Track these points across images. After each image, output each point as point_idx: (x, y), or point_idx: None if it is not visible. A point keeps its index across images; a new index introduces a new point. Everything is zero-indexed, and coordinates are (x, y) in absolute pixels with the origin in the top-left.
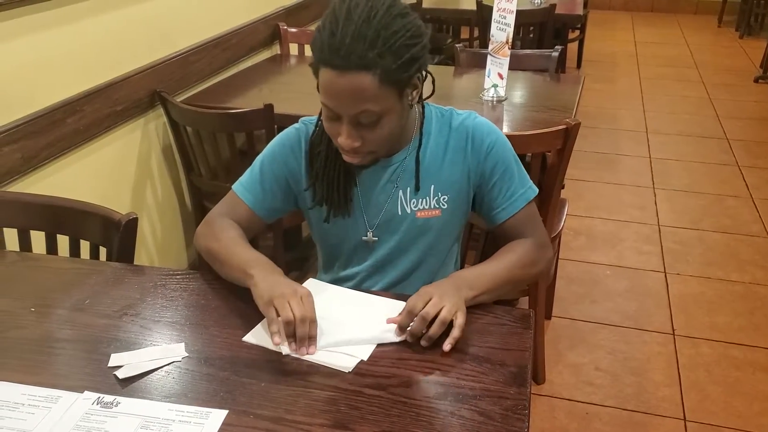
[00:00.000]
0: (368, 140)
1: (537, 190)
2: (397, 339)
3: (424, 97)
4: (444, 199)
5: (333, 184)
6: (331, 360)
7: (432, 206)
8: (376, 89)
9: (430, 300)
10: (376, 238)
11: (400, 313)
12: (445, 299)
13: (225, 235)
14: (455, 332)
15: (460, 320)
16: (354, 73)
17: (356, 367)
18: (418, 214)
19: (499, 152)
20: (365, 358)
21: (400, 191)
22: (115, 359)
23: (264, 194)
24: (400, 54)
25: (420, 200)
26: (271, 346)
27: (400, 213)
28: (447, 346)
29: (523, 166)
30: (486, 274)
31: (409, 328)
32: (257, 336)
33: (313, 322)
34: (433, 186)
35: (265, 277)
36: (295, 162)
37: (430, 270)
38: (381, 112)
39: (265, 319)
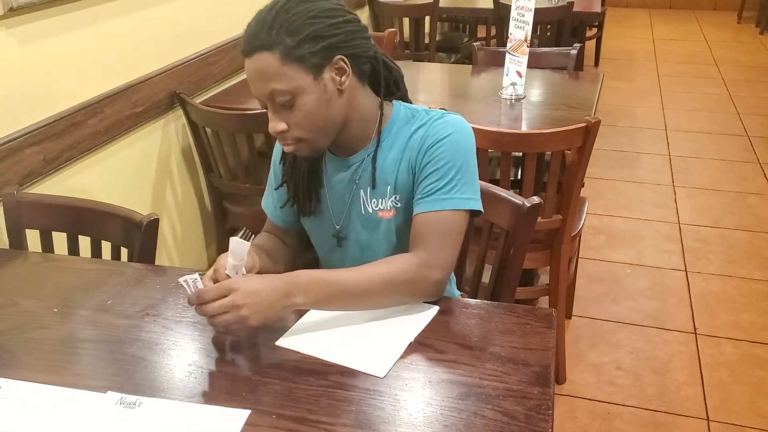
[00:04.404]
0: (292, 124)
1: (470, 207)
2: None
3: (386, 93)
4: (397, 198)
5: (299, 185)
6: (363, 365)
7: (389, 207)
8: (278, 68)
9: (225, 298)
10: (344, 237)
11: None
12: (237, 308)
13: None
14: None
15: (233, 332)
16: (257, 54)
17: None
18: (379, 214)
19: (439, 150)
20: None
21: (361, 191)
22: None
23: (274, 203)
24: (298, 32)
25: (379, 200)
26: (305, 350)
27: (363, 212)
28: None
29: (471, 180)
30: (334, 281)
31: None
32: (290, 340)
33: (215, 274)
34: (389, 186)
35: None
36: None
37: None
38: (291, 91)
39: (297, 323)
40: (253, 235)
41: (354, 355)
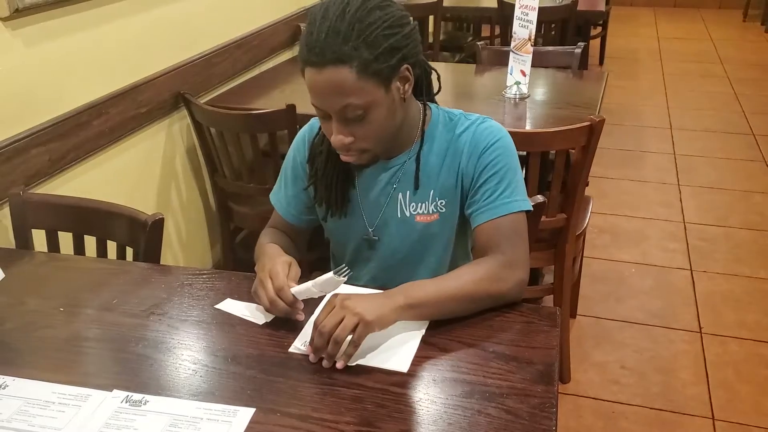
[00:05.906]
0: (359, 136)
1: (528, 207)
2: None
3: (427, 95)
4: (442, 203)
5: (331, 185)
6: (385, 363)
7: (431, 211)
8: (354, 82)
9: (333, 310)
10: (377, 238)
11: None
12: (348, 309)
13: (259, 245)
14: (349, 348)
15: (356, 335)
16: (331, 68)
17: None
18: (417, 218)
19: (494, 155)
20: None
21: (400, 194)
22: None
23: (288, 200)
24: (376, 45)
25: (419, 204)
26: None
27: (399, 216)
28: (339, 363)
29: (522, 181)
30: (429, 285)
31: (313, 345)
32: (303, 345)
33: (281, 293)
34: (432, 191)
35: (260, 269)
36: (301, 161)
37: (438, 273)
38: (365, 105)
39: (306, 325)
40: (350, 272)
41: (372, 354)
